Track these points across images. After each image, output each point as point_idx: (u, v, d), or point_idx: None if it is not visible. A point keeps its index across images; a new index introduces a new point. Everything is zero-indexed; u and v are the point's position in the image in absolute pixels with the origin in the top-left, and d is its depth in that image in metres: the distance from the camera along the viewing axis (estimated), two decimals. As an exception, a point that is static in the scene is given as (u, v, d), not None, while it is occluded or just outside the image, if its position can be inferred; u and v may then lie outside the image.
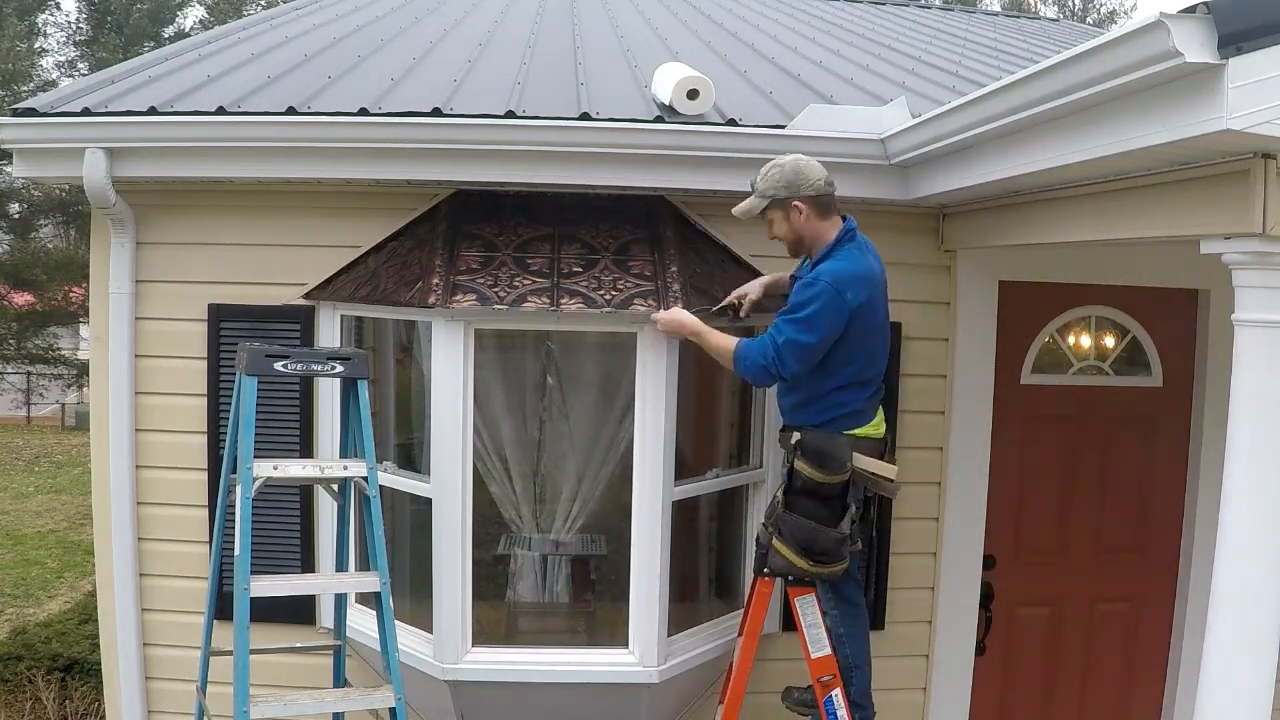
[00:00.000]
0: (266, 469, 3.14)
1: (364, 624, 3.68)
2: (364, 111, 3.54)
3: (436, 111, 3.52)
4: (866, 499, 3.40)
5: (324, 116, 3.55)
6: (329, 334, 3.85)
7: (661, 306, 3.44)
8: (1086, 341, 4.32)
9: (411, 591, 3.77)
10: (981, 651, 4.18)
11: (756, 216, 3.32)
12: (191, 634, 3.67)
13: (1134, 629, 4.41)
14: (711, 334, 3.33)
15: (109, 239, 3.80)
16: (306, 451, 3.84)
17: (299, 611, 3.80)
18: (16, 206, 18.51)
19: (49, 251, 18.11)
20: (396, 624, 3.29)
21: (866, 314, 3.17)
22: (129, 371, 3.85)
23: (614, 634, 3.73)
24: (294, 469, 3.29)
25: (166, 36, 21.55)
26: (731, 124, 3.63)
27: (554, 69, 4.49)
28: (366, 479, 3.23)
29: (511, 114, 3.51)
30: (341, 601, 3.63)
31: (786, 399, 3.36)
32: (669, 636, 3.66)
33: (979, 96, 2.79)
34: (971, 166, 3.07)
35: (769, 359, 3.15)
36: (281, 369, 3.17)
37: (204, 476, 3.86)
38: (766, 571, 3.36)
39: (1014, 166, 2.78)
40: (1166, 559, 4.35)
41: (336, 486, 3.50)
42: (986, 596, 4.17)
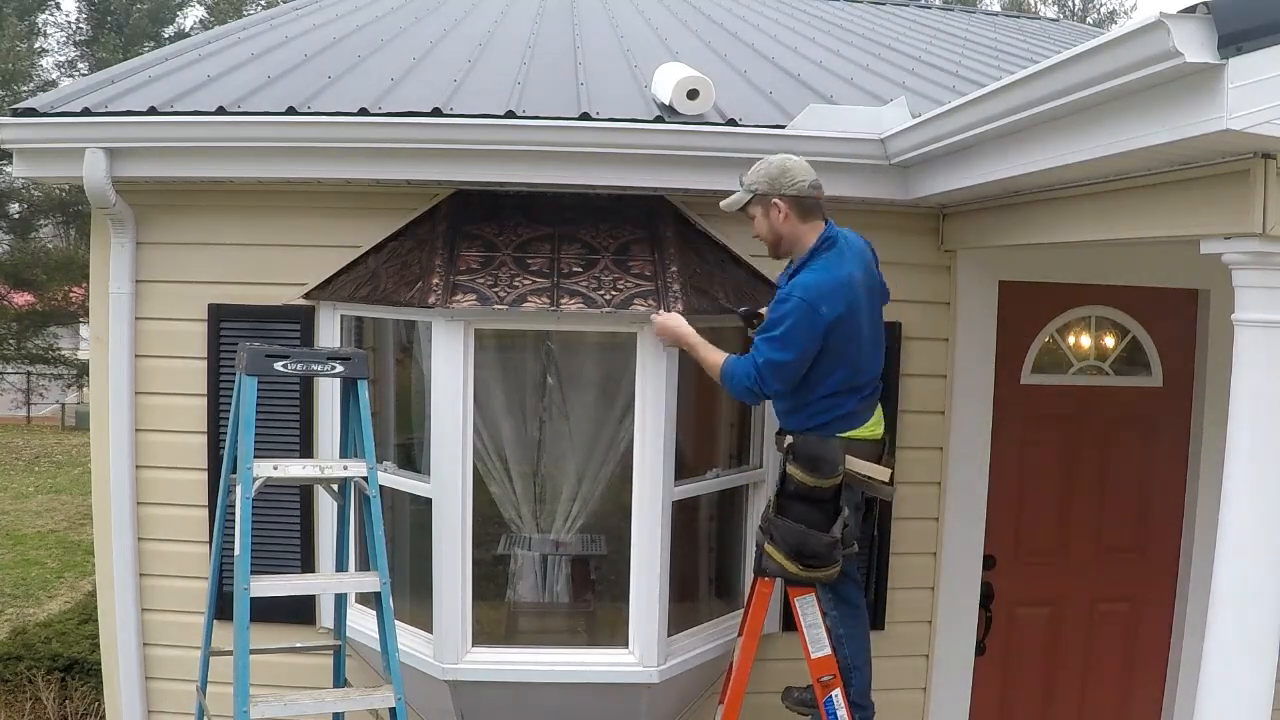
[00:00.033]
0: (266, 469, 3.15)
1: (364, 624, 3.68)
2: (364, 111, 3.54)
3: (436, 111, 3.52)
4: (867, 500, 3.39)
5: (324, 116, 3.55)
6: (329, 334, 3.85)
7: (661, 306, 3.44)
8: (1086, 341, 4.32)
9: (411, 591, 3.77)
10: (981, 651, 4.18)
11: (741, 211, 3.31)
12: (191, 634, 3.67)
13: (1134, 629, 4.41)
14: (704, 347, 3.30)
15: (109, 239, 3.80)
16: (306, 451, 3.85)
17: (299, 611, 3.80)
18: (16, 206, 18.53)
19: (49, 251, 18.12)
20: (396, 624, 3.29)
21: (846, 325, 3.11)
22: (129, 371, 3.85)
23: (614, 634, 3.73)
24: (294, 469, 3.29)
25: (166, 36, 21.55)
26: (731, 124, 3.63)
27: (554, 69, 4.49)
28: (366, 479, 3.24)
29: (511, 114, 3.51)
30: (341, 601, 3.64)
31: (779, 404, 3.35)
32: (669, 636, 3.66)
33: (979, 96, 2.79)
34: (971, 166, 3.07)
35: (751, 379, 3.14)
36: (281, 369, 3.17)
37: (204, 476, 3.86)
38: (763, 572, 3.37)
39: (1014, 166, 2.78)
40: (1166, 559, 4.35)
41: (336, 486, 3.50)
42: (986, 596, 4.17)
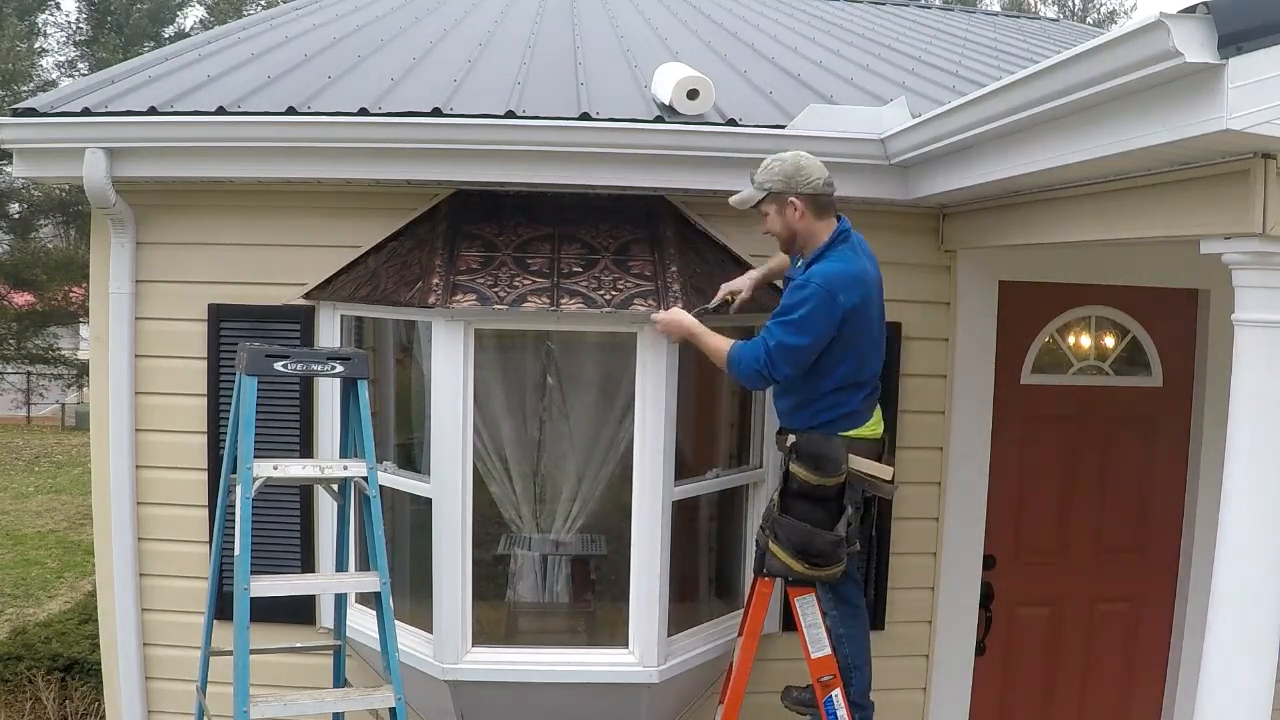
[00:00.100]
0: (266, 469, 3.15)
1: (364, 624, 3.68)
2: (364, 111, 3.54)
3: (436, 111, 3.52)
4: (866, 499, 3.39)
5: (324, 116, 3.55)
6: (329, 334, 3.85)
7: (661, 306, 3.43)
8: (1086, 341, 4.32)
9: (411, 591, 3.77)
10: (981, 651, 4.18)
11: (752, 209, 3.30)
12: (191, 634, 3.67)
13: (1134, 629, 4.41)
14: (708, 335, 3.32)
15: (109, 239, 3.80)
16: (306, 451, 3.85)
17: (299, 611, 3.80)
18: (16, 206, 18.52)
19: (49, 251, 18.12)
20: (396, 624, 3.29)
21: (860, 315, 3.14)
22: (129, 371, 3.85)
23: (614, 634, 3.73)
24: (294, 469, 3.29)
25: (166, 36, 21.55)
26: (731, 124, 3.63)
27: (554, 69, 4.49)
28: (366, 479, 3.24)
29: (511, 114, 3.51)
30: (341, 601, 3.63)
31: (783, 401, 3.35)
32: (669, 636, 3.66)
33: (979, 96, 2.79)
34: (971, 166, 3.07)
35: (761, 362, 3.14)
36: (281, 369, 3.17)
37: (204, 476, 3.86)
38: (766, 571, 3.37)
39: (1014, 166, 2.78)
40: (1166, 559, 4.35)
41: (336, 486, 3.50)
42: (986, 596, 4.17)
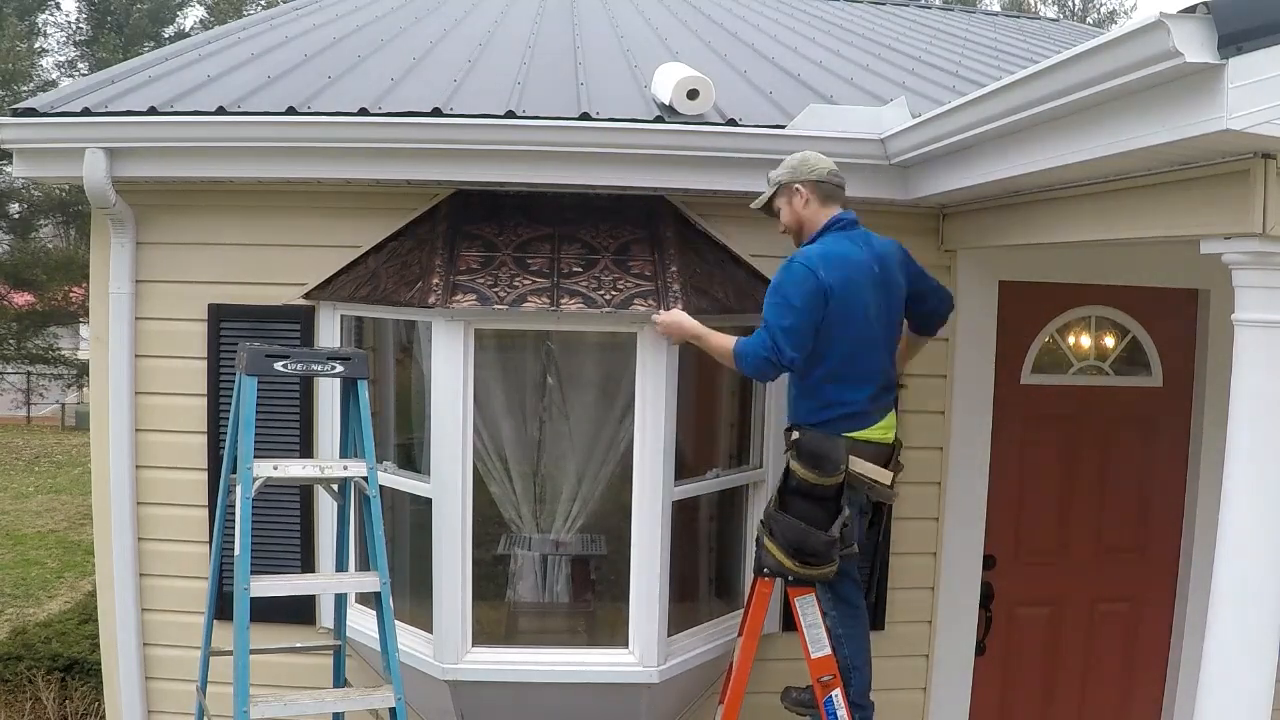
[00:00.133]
0: (266, 469, 3.15)
1: (364, 624, 3.68)
2: (364, 111, 3.54)
3: (436, 111, 3.52)
4: (876, 506, 3.40)
5: (324, 116, 3.55)
6: (329, 334, 3.85)
7: (661, 306, 3.44)
8: (1086, 341, 4.32)
9: (411, 591, 3.77)
10: (981, 651, 4.18)
11: (768, 213, 3.37)
12: (191, 634, 3.67)
13: (1134, 629, 4.41)
14: (712, 335, 3.32)
15: (109, 239, 3.80)
16: (306, 451, 3.85)
17: (299, 611, 3.80)
18: (16, 206, 18.53)
19: (49, 251, 18.12)
20: (396, 624, 3.29)
21: (845, 297, 3.14)
22: (129, 371, 3.85)
23: (614, 634, 3.73)
24: (294, 469, 3.29)
25: (166, 36, 21.55)
26: (731, 124, 3.63)
27: (554, 69, 4.49)
28: (366, 479, 3.24)
29: (511, 114, 3.51)
30: (341, 601, 3.64)
31: (789, 391, 3.36)
32: (669, 636, 3.66)
33: (979, 96, 2.79)
34: (971, 166, 3.07)
35: (767, 348, 3.14)
36: (281, 369, 3.17)
37: (204, 476, 3.86)
38: (766, 571, 3.37)
39: (1014, 166, 2.78)
40: (1166, 559, 4.35)
41: (336, 486, 3.50)
42: (986, 596, 4.17)
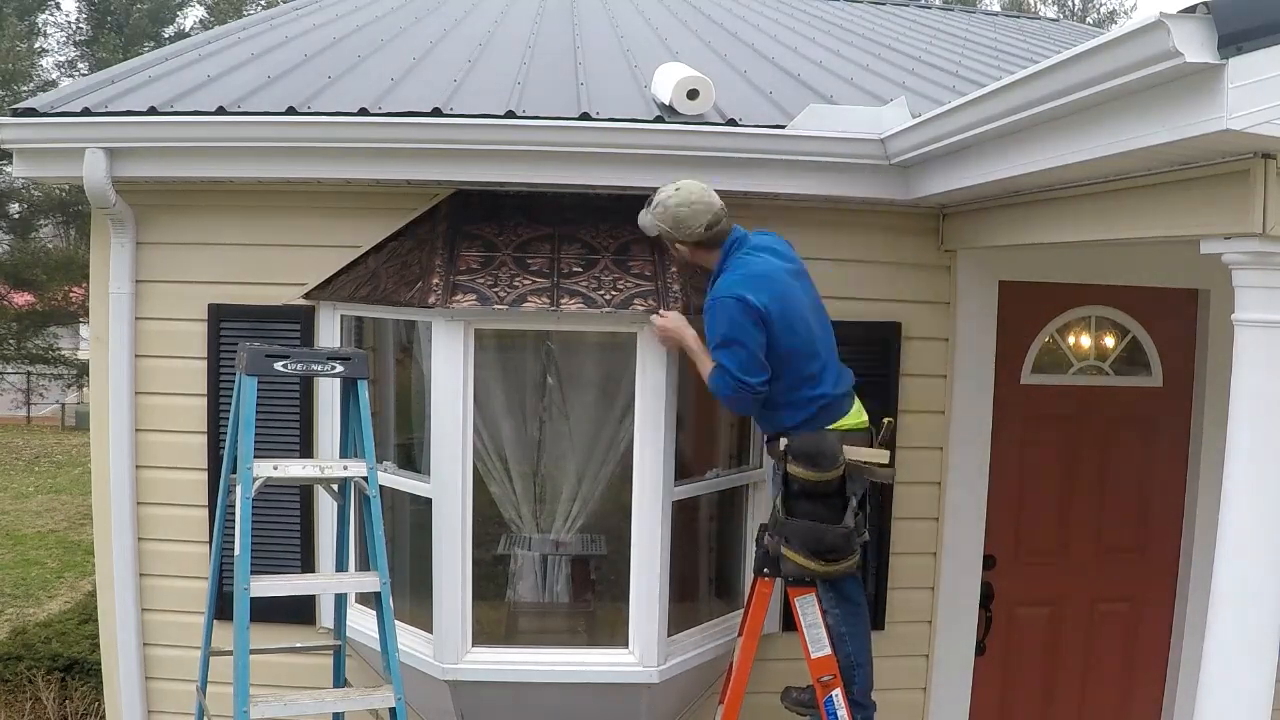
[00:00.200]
0: (266, 469, 3.15)
1: (364, 624, 3.68)
2: (364, 111, 3.54)
3: (436, 111, 3.52)
4: (862, 494, 3.40)
5: (324, 116, 3.55)
6: (329, 334, 3.85)
7: (661, 307, 3.44)
8: (1086, 341, 4.32)
9: (411, 591, 3.77)
10: (981, 651, 4.18)
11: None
12: (191, 634, 3.67)
13: (1134, 629, 4.41)
14: (703, 356, 3.30)
15: (109, 239, 3.80)
16: (306, 451, 3.84)
17: (299, 611, 3.80)
18: (16, 206, 18.54)
19: (49, 251, 18.13)
20: (396, 624, 3.29)
21: (779, 312, 3.16)
22: (129, 371, 3.85)
23: (614, 634, 3.73)
24: (294, 469, 3.29)
25: (166, 36, 21.56)
26: (731, 124, 3.62)
27: (554, 69, 4.49)
28: (366, 479, 3.24)
29: (511, 114, 3.51)
30: (341, 601, 3.63)
31: (757, 409, 3.35)
32: (669, 636, 3.66)
33: (979, 96, 2.79)
34: (971, 166, 3.07)
35: (730, 386, 3.19)
36: (281, 369, 3.17)
37: (204, 476, 3.86)
38: (766, 572, 3.37)
39: (1014, 166, 2.78)
40: (1166, 559, 4.35)
41: (336, 486, 3.50)
42: (986, 596, 4.17)
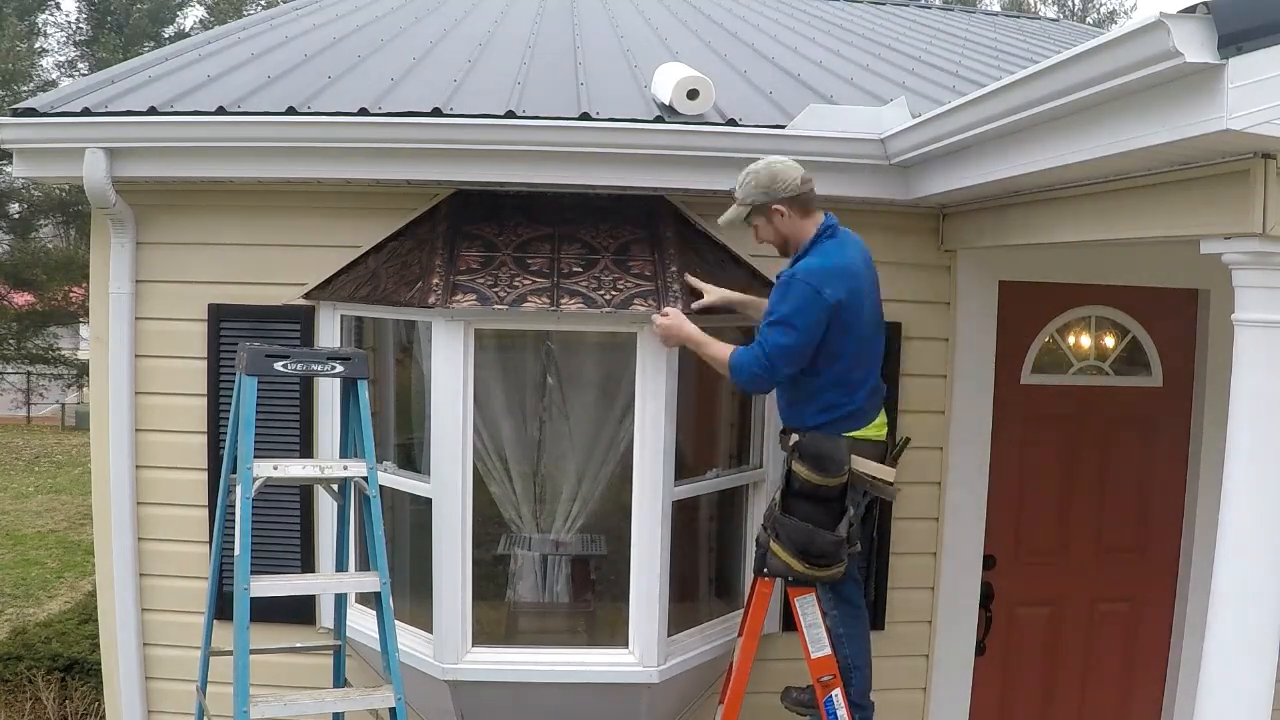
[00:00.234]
0: (266, 469, 3.15)
1: (364, 624, 3.68)
2: (364, 111, 3.54)
3: (436, 111, 3.52)
4: (869, 501, 3.40)
5: (324, 116, 3.55)
6: (329, 334, 3.85)
7: (661, 306, 3.43)
8: (1086, 341, 4.32)
9: (411, 591, 3.77)
10: (981, 651, 4.18)
11: (742, 224, 3.33)
12: (191, 634, 3.67)
13: (1134, 629, 4.41)
14: (710, 343, 3.30)
15: (109, 239, 3.80)
16: (306, 451, 3.85)
17: (299, 611, 3.80)
18: (16, 206, 18.54)
19: (49, 251, 18.13)
20: (396, 624, 3.29)
21: (848, 310, 3.13)
22: (129, 371, 3.85)
23: (614, 634, 3.73)
24: (294, 469, 3.29)
25: (166, 36, 21.56)
26: (731, 124, 3.63)
27: (554, 69, 4.49)
28: (366, 479, 3.23)
29: (511, 114, 3.51)
30: (341, 601, 3.63)
31: (781, 398, 3.36)
32: (669, 636, 3.66)
33: (979, 96, 2.79)
34: (971, 166, 3.07)
35: (761, 366, 3.15)
36: (281, 369, 3.17)
37: (204, 476, 3.86)
38: (765, 572, 3.37)
39: (1014, 166, 2.78)
40: (1166, 559, 4.35)
41: (336, 486, 3.50)
42: (986, 596, 4.17)
